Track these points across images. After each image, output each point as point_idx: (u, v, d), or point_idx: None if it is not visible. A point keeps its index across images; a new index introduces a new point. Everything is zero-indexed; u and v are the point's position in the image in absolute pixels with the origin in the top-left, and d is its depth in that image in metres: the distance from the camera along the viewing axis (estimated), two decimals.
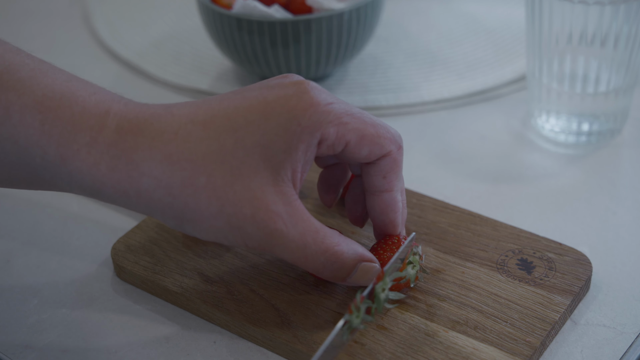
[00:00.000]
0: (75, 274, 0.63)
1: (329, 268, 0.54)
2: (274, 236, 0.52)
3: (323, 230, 0.53)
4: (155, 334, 0.58)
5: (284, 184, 0.52)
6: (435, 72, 0.85)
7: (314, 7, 0.77)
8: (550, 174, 0.71)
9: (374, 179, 0.56)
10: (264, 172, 0.52)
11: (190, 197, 0.51)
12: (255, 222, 0.52)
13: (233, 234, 0.52)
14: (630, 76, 0.71)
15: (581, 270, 0.59)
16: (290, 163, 0.52)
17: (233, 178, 0.51)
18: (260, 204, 0.51)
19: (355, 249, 0.54)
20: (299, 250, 0.53)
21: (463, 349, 0.54)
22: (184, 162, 0.51)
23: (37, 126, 0.51)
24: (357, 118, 0.54)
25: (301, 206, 0.53)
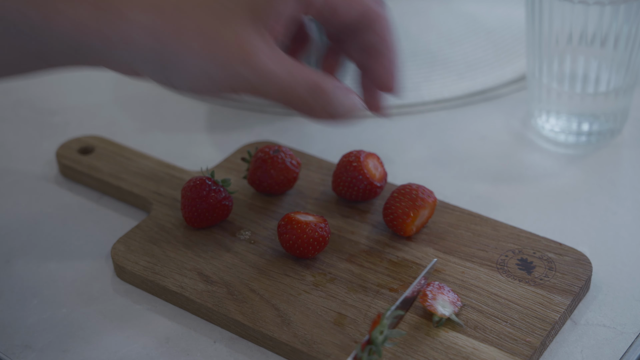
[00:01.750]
0: (75, 274, 0.63)
1: (317, 101, 0.55)
2: (265, 75, 0.53)
3: (309, 69, 0.55)
4: (155, 334, 0.58)
5: (265, 34, 0.54)
6: (435, 72, 0.85)
7: None
8: (550, 174, 0.71)
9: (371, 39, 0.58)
10: (248, 20, 0.53)
11: (179, 43, 0.52)
12: (247, 63, 0.53)
13: (224, 76, 0.53)
14: (630, 76, 0.71)
15: (581, 270, 0.59)
16: (274, 15, 0.54)
17: (220, 22, 0.53)
18: (248, 45, 0.53)
19: (339, 84, 0.56)
20: (288, 87, 0.54)
21: (463, 349, 0.54)
22: (171, 9, 0.52)
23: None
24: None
25: (283, 52, 0.54)
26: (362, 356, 0.51)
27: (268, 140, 0.74)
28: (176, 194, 0.67)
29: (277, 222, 0.64)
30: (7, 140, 0.78)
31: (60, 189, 0.72)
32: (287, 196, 0.67)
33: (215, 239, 0.63)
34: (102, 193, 0.71)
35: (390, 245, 0.62)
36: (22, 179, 0.73)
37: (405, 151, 0.75)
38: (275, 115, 0.80)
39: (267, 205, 0.66)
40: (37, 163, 0.74)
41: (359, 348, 0.51)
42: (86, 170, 0.71)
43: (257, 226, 0.64)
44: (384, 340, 0.52)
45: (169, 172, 0.70)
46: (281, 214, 0.65)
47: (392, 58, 0.59)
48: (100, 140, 0.74)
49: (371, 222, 0.64)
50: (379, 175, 0.65)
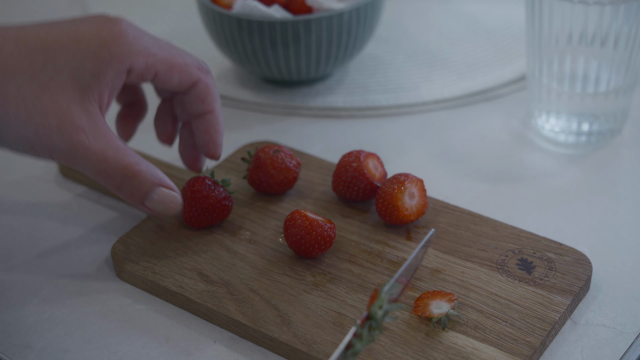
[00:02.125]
0: (75, 274, 0.63)
1: (127, 185, 0.57)
2: (77, 148, 0.55)
3: (125, 149, 0.57)
4: (155, 334, 0.58)
5: (90, 104, 0.56)
6: (435, 72, 0.85)
7: (314, 7, 0.77)
8: (550, 174, 0.71)
9: (194, 105, 0.61)
10: (71, 90, 0.55)
11: (1, 108, 0.54)
12: (60, 133, 0.55)
13: (40, 144, 0.55)
14: (630, 76, 0.71)
15: (581, 270, 0.59)
16: (97, 86, 0.56)
17: (41, 91, 0.54)
18: (65, 116, 0.55)
19: (155, 172, 0.57)
20: (99, 164, 0.56)
21: (463, 349, 0.54)
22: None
23: None
24: (165, 49, 0.59)
25: (106, 127, 0.56)
26: (361, 332, 0.50)
27: (268, 140, 0.74)
28: None
29: (277, 222, 0.64)
30: None
31: (60, 189, 0.72)
32: (287, 196, 0.67)
33: (215, 239, 0.63)
34: (102, 193, 0.71)
35: (390, 245, 0.62)
36: (22, 179, 0.73)
37: (405, 151, 0.75)
38: (275, 115, 0.80)
39: (267, 205, 0.66)
40: (37, 163, 0.74)
41: (358, 324, 0.50)
42: None
43: (257, 226, 0.64)
44: (383, 315, 0.51)
45: (169, 172, 0.70)
46: (281, 214, 0.65)
47: (214, 125, 0.62)
48: None
49: (371, 222, 0.64)
50: (379, 175, 0.65)
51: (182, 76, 0.60)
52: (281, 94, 0.82)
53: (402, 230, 0.63)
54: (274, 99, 0.81)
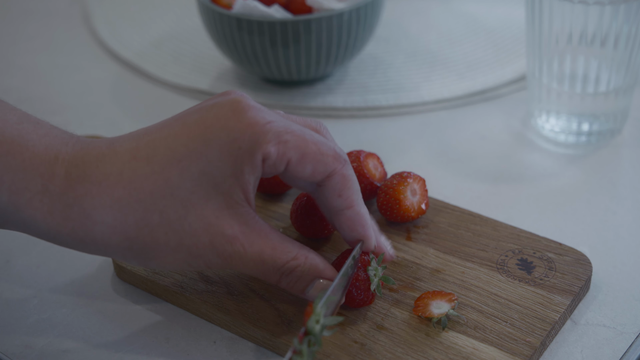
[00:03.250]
0: (75, 274, 0.63)
1: (286, 281, 0.54)
2: (233, 258, 0.53)
3: (281, 246, 0.54)
4: (155, 334, 0.58)
5: (238, 206, 0.52)
6: (435, 72, 0.85)
7: (314, 7, 0.77)
8: (550, 174, 0.71)
9: (331, 199, 0.55)
10: (214, 198, 0.52)
11: (147, 237, 0.52)
12: (214, 248, 0.52)
13: (196, 262, 0.53)
14: (630, 76, 0.71)
15: (581, 270, 0.59)
16: (239, 186, 0.52)
17: (185, 210, 0.52)
18: (215, 230, 0.52)
19: (314, 264, 0.54)
20: (257, 267, 0.53)
21: (463, 349, 0.54)
22: (134, 204, 0.51)
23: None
24: (297, 136, 0.53)
25: (259, 223, 0.53)
26: (301, 349, 0.49)
27: None
28: None
29: (277, 222, 0.64)
30: None
31: None
32: (287, 196, 0.67)
33: None
34: None
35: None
36: None
37: (405, 151, 0.75)
38: None
39: (267, 205, 0.66)
40: None
41: (296, 341, 0.50)
42: None
43: None
44: (321, 329, 0.50)
45: None
46: (281, 214, 0.65)
47: (358, 220, 0.56)
48: None
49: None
50: (379, 175, 0.65)
51: (316, 166, 0.53)
52: (281, 94, 0.82)
53: (402, 230, 0.63)
54: (274, 99, 0.81)
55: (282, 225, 0.64)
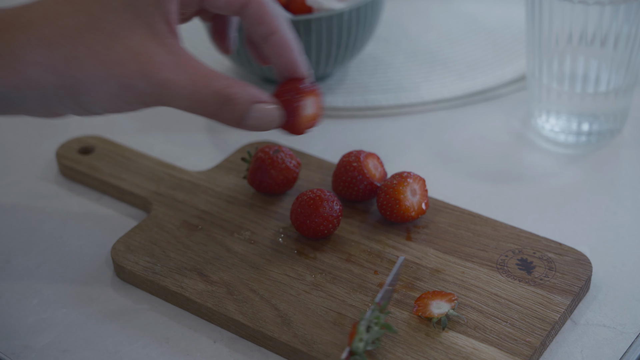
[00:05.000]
0: (75, 274, 0.63)
1: (223, 110, 0.54)
2: (164, 86, 0.53)
3: (213, 74, 0.54)
4: (155, 334, 0.58)
5: (163, 36, 0.53)
6: (435, 72, 0.85)
7: (314, 7, 0.77)
8: (550, 174, 0.71)
9: (253, 28, 0.56)
10: (139, 29, 0.53)
11: (76, 71, 0.52)
12: (144, 76, 0.53)
13: (127, 94, 0.53)
14: (630, 76, 0.71)
15: (581, 270, 0.59)
16: (160, 15, 0.53)
17: (112, 40, 0.53)
18: (143, 58, 0.53)
19: (249, 90, 0.55)
20: (191, 96, 0.53)
21: (463, 349, 0.54)
22: (60, 39, 0.52)
23: None
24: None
25: (187, 53, 0.54)
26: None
27: (268, 140, 0.74)
28: (176, 194, 0.67)
29: (277, 222, 0.65)
30: (7, 140, 0.78)
31: (60, 189, 0.72)
32: (287, 196, 0.67)
33: (215, 239, 0.63)
34: (102, 193, 0.71)
35: (390, 245, 0.62)
36: (22, 179, 0.73)
37: (405, 151, 0.75)
38: None
39: (267, 205, 0.66)
40: (37, 163, 0.74)
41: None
42: (86, 170, 0.71)
43: (257, 226, 0.64)
44: (364, 346, 0.52)
45: (169, 172, 0.70)
46: (281, 214, 0.65)
47: (284, 45, 0.56)
48: (100, 140, 0.74)
49: (371, 222, 0.64)
50: (379, 175, 0.65)
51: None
52: None
53: (402, 230, 0.63)
54: None
55: (282, 225, 0.64)
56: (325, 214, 0.61)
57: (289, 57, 0.57)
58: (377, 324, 0.53)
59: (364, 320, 0.53)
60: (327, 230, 0.62)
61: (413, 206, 0.62)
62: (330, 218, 0.61)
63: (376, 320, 0.53)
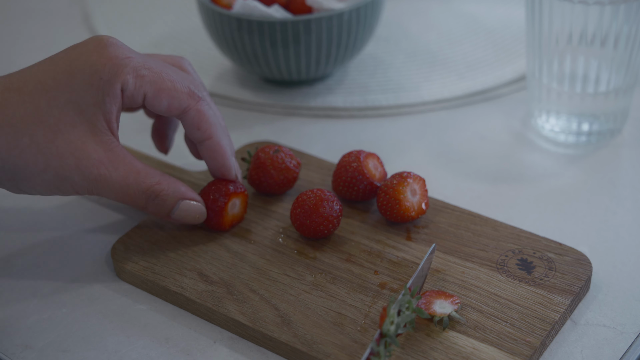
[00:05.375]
0: (75, 274, 0.63)
1: (152, 204, 0.60)
2: (99, 181, 0.57)
3: (145, 171, 0.59)
4: (155, 334, 0.58)
5: (102, 134, 0.58)
6: (435, 72, 0.85)
7: (314, 7, 0.77)
8: (550, 174, 0.71)
9: (191, 131, 0.61)
10: (80, 125, 0.57)
11: (17, 158, 0.56)
12: (80, 171, 0.57)
13: (63, 184, 0.57)
14: (630, 76, 0.71)
15: (581, 270, 0.59)
16: (102, 114, 0.57)
17: (53, 134, 0.56)
18: (81, 154, 0.57)
19: (177, 188, 0.60)
20: (122, 191, 0.58)
21: (463, 349, 0.54)
22: (5, 128, 0.56)
23: None
24: (154, 72, 0.59)
25: (123, 151, 0.59)
26: (378, 350, 0.51)
27: (268, 140, 0.74)
28: None
29: (277, 222, 0.65)
30: None
31: None
32: (287, 196, 0.67)
33: (215, 239, 0.63)
34: None
35: (390, 245, 0.62)
36: None
37: (405, 151, 0.75)
38: (275, 115, 0.80)
39: (267, 205, 0.66)
40: None
41: (374, 342, 0.51)
42: None
43: (257, 226, 0.64)
44: (396, 329, 0.52)
45: (169, 172, 0.70)
46: (281, 214, 0.65)
47: (218, 151, 0.62)
48: None
49: (371, 222, 0.64)
50: (379, 175, 0.65)
51: (171, 101, 0.60)
52: (281, 94, 0.82)
53: (402, 230, 0.63)
54: (274, 99, 0.81)
55: (282, 225, 0.64)
56: (325, 214, 0.61)
57: (220, 161, 0.62)
58: (408, 308, 0.54)
59: (395, 303, 0.53)
60: (327, 230, 0.62)
61: (413, 206, 0.62)
62: (330, 218, 0.61)
63: (407, 304, 0.54)
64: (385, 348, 0.52)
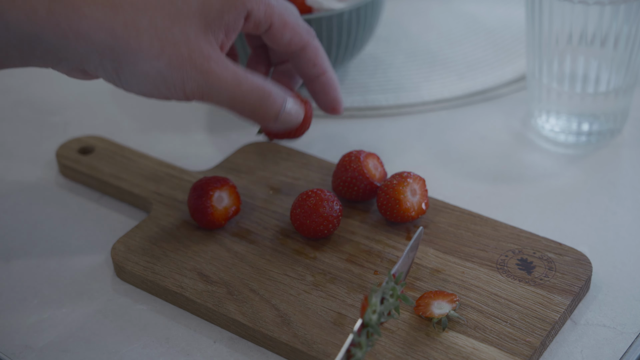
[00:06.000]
0: (75, 274, 0.63)
1: (264, 105, 0.58)
2: (210, 75, 0.56)
3: (252, 74, 0.58)
4: (155, 334, 0.58)
5: (214, 38, 0.56)
6: (435, 72, 0.85)
7: (314, 7, 0.77)
8: (550, 174, 0.71)
9: (307, 68, 0.62)
10: (198, 22, 0.56)
11: (132, 39, 0.54)
12: (192, 62, 0.55)
13: (173, 75, 0.55)
14: (630, 76, 0.71)
15: (581, 270, 0.59)
16: (220, 23, 0.56)
17: (171, 22, 0.55)
18: (195, 46, 0.55)
19: (281, 88, 0.60)
20: (234, 89, 0.57)
21: (463, 349, 0.54)
22: (126, 5, 0.54)
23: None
24: (281, 5, 0.60)
25: (227, 59, 0.57)
26: (360, 340, 0.50)
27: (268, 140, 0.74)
28: (176, 194, 0.67)
29: (277, 222, 0.65)
30: (7, 140, 0.78)
31: (60, 189, 0.72)
32: (287, 196, 0.67)
33: (215, 239, 0.63)
34: (102, 193, 0.71)
35: (390, 245, 0.62)
36: (22, 179, 0.73)
37: (405, 151, 0.75)
38: None
39: (267, 205, 0.66)
40: (37, 163, 0.74)
41: (355, 333, 0.50)
42: (86, 170, 0.71)
43: (257, 226, 0.64)
44: (379, 318, 0.51)
45: (169, 172, 0.70)
46: (281, 213, 0.65)
47: (331, 84, 0.64)
48: (100, 140, 0.74)
49: (371, 222, 0.64)
50: (379, 175, 0.65)
51: (293, 36, 0.60)
52: None
53: (402, 230, 0.63)
54: None
55: (282, 225, 0.64)
56: (325, 214, 0.61)
57: (333, 94, 0.64)
58: (392, 295, 0.52)
59: (378, 291, 0.52)
60: (327, 230, 0.62)
61: (413, 206, 0.62)
62: (330, 218, 0.61)
63: (391, 291, 0.52)
64: (367, 338, 0.50)
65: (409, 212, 0.62)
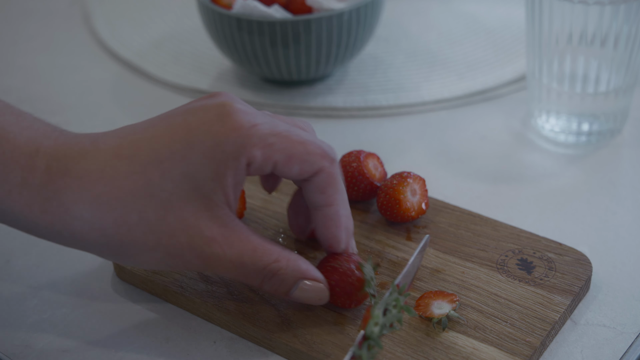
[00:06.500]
0: (75, 274, 0.63)
1: (269, 283, 0.54)
2: (212, 259, 0.53)
3: (262, 247, 0.53)
4: (155, 334, 0.58)
5: (217, 208, 0.52)
6: (435, 72, 0.85)
7: (314, 7, 0.77)
8: (550, 174, 0.71)
9: (313, 195, 0.55)
10: (194, 201, 0.52)
11: (125, 236, 0.52)
12: (192, 249, 0.52)
13: (174, 261, 0.53)
14: (630, 76, 0.71)
15: (581, 270, 0.59)
16: (220, 189, 0.52)
17: (164, 211, 0.51)
18: (194, 231, 0.52)
19: (297, 266, 0.54)
20: (236, 270, 0.53)
21: (463, 349, 0.54)
22: (113, 202, 0.51)
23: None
24: (283, 137, 0.53)
25: (239, 225, 0.53)
26: (361, 353, 0.50)
27: None
28: None
29: (277, 222, 0.64)
30: None
31: None
32: (287, 196, 0.67)
33: None
34: None
35: (390, 245, 0.62)
36: None
37: (405, 151, 0.75)
38: None
39: (267, 205, 0.66)
40: None
41: (356, 346, 0.50)
42: None
43: (257, 226, 0.64)
44: (380, 331, 0.51)
45: None
46: (281, 213, 0.65)
47: (334, 220, 0.56)
48: None
49: (371, 222, 0.64)
50: (379, 175, 0.65)
51: (303, 166, 0.53)
52: (281, 94, 0.82)
53: (402, 230, 0.63)
54: (274, 99, 0.81)
55: (282, 225, 0.64)
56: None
57: (333, 232, 0.56)
58: (395, 306, 0.52)
59: (381, 302, 0.51)
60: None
61: (413, 206, 0.62)
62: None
63: (394, 302, 0.52)
64: (368, 351, 0.50)
65: (409, 212, 0.62)
